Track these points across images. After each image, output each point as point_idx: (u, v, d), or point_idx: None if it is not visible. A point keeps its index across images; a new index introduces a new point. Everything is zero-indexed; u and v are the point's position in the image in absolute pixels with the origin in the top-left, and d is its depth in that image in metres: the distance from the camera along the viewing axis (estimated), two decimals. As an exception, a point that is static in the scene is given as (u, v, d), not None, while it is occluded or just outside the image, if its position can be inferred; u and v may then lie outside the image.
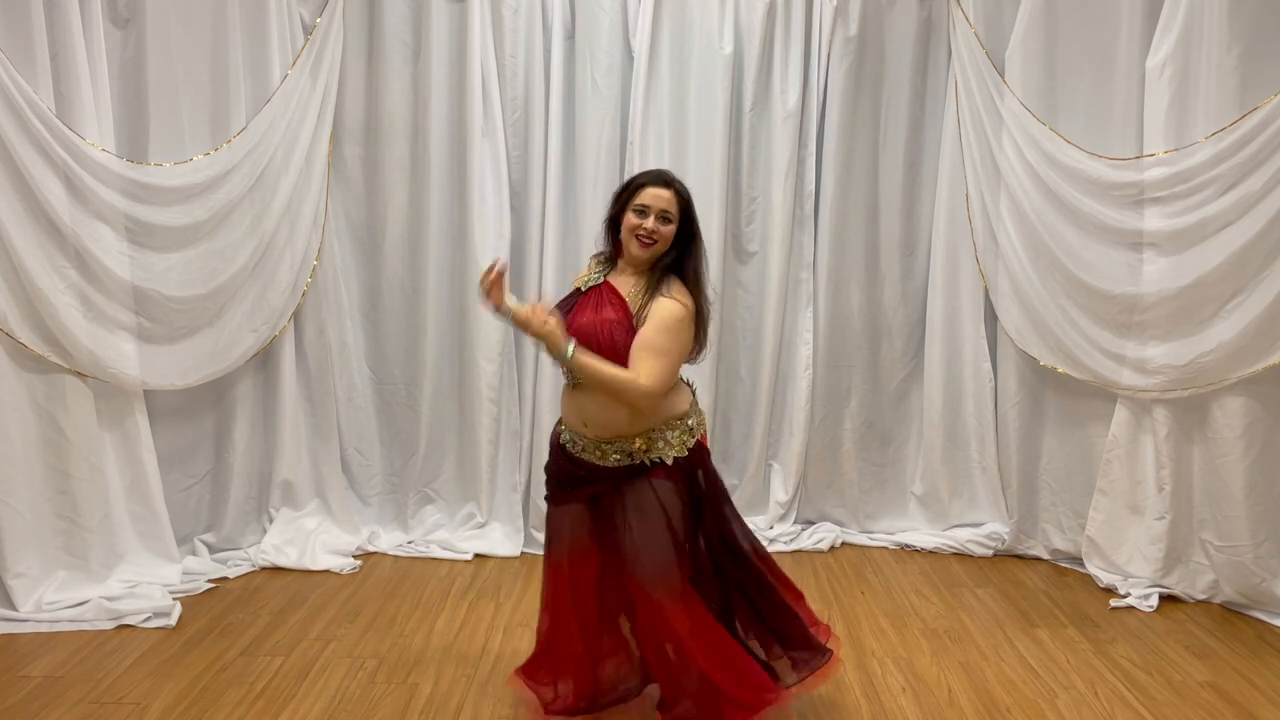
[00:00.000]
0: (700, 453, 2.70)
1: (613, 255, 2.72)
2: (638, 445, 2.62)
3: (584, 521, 2.76)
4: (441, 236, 4.39)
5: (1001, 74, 4.19)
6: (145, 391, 3.92)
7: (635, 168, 4.30)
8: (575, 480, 2.73)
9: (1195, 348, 3.72)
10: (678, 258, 2.64)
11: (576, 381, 2.62)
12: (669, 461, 2.63)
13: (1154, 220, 3.82)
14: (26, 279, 3.56)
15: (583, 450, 2.69)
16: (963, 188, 4.36)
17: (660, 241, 2.60)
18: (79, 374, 3.71)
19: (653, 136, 4.35)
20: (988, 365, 4.41)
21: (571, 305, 2.67)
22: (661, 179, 2.64)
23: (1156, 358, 3.84)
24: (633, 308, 2.58)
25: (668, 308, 2.54)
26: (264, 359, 4.28)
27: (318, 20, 4.18)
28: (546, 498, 2.85)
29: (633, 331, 2.54)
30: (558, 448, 2.79)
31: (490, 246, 4.33)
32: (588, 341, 2.53)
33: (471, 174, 4.30)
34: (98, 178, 3.66)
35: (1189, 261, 3.72)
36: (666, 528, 2.61)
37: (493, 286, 2.56)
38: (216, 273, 4.00)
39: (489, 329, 4.35)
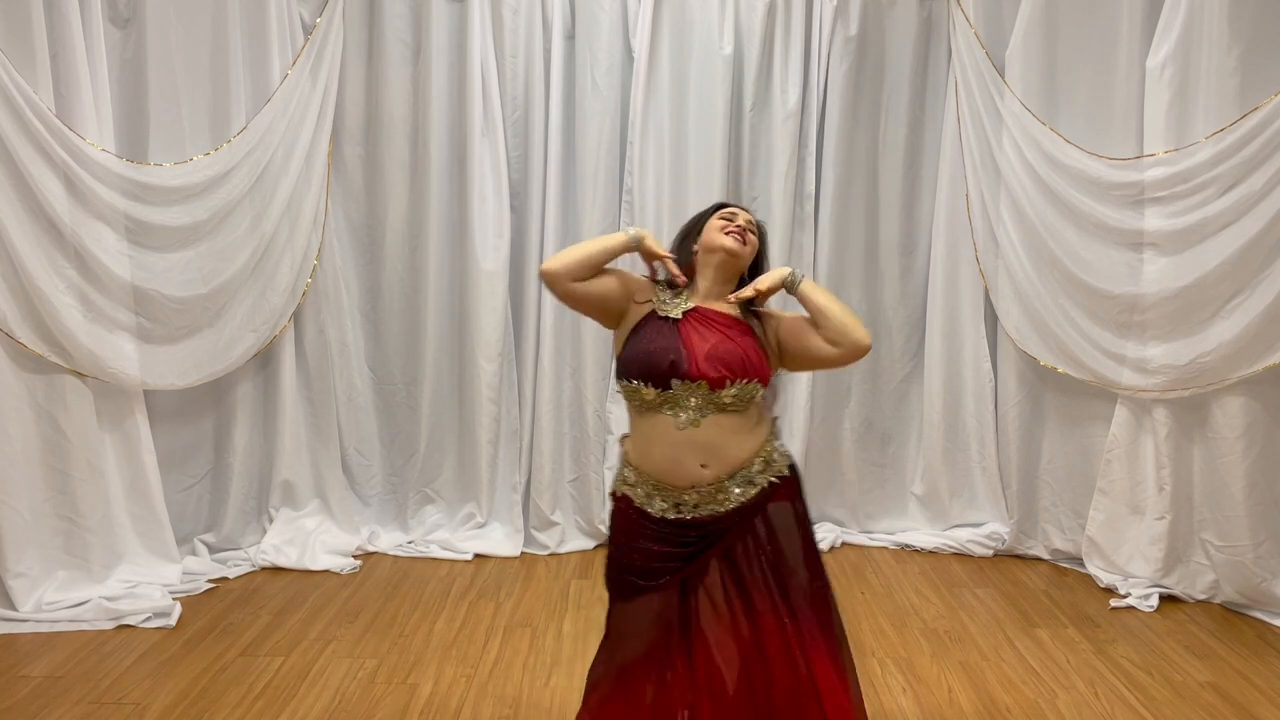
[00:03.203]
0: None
1: (673, 282, 2.42)
2: (757, 467, 2.31)
3: (678, 608, 2.31)
4: (441, 236, 4.39)
5: (1001, 74, 4.18)
6: (145, 392, 3.92)
7: (635, 168, 4.31)
8: (685, 548, 2.30)
9: (1195, 348, 3.72)
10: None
11: (697, 421, 2.27)
12: (787, 471, 2.36)
13: (1154, 220, 3.82)
14: (26, 279, 3.56)
15: (697, 506, 2.28)
16: (963, 188, 4.36)
17: (749, 248, 2.37)
18: (79, 374, 3.71)
19: (653, 136, 4.35)
20: (988, 365, 4.41)
21: (663, 331, 2.32)
22: (740, 205, 2.47)
23: (1157, 358, 3.84)
24: (750, 324, 2.36)
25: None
26: (264, 359, 4.27)
27: (318, 20, 4.18)
28: (619, 590, 2.37)
29: (761, 350, 2.33)
30: (640, 526, 2.32)
31: (490, 246, 4.33)
32: (729, 363, 2.26)
33: (471, 174, 4.30)
34: (98, 178, 3.66)
35: (1189, 261, 3.72)
36: (814, 553, 2.36)
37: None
38: (216, 273, 4.00)
39: (489, 329, 4.35)
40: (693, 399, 2.26)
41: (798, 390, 4.53)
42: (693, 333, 2.30)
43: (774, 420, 2.44)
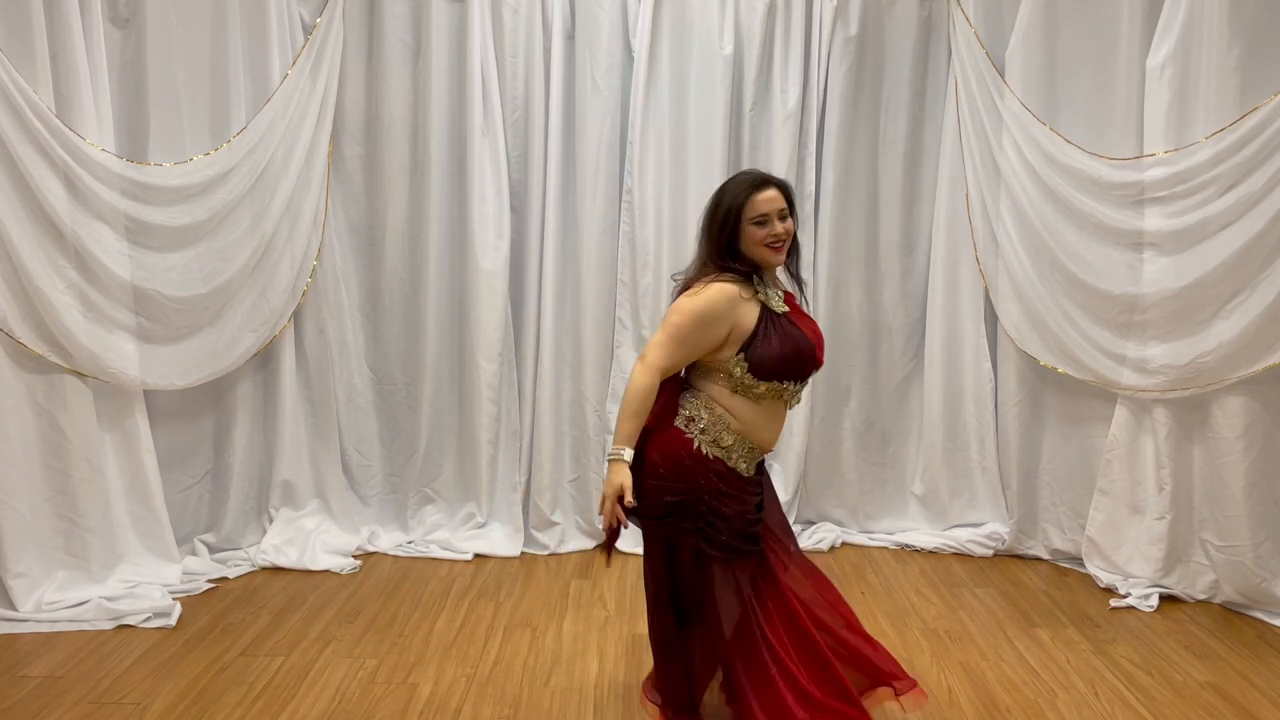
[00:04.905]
0: None
1: (749, 271, 2.53)
2: None
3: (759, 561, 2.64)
4: (441, 236, 4.39)
5: (1001, 74, 4.18)
6: (145, 391, 3.92)
7: (635, 167, 4.31)
8: (759, 510, 2.64)
9: (1195, 348, 3.72)
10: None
11: (799, 399, 2.65)
12: None
13: (1154, 220, 3.82)
14: (26, 279, 3.56)
15: (760, 465, 2.66)
16: (963, 187, 4.36)
17: (789, 236, 2.54)
18: (79, 374, 3.71)
19: (653, 136, 4.35)
20: (988, 365, 4.41)
21: (789, 328, 2.53)
22: (763, 181, 2.50)
23: (1157, 357, 3.84)
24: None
25: None
26: (264, 359, 4.27)
27: (318, 20, 4.18)
28: (724, 551, 2.51)
29: None
30: (735, 485, 2.54)
31: (490, 246, 4.33)
32: (823, 346, 2.64)
33: (471, 174, 4.30)
34: (98, 178, 3.66)
35: (1189, 261, 3.72)
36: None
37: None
38: (216, 273, 4.00)
39: (489, 329, 4.35)
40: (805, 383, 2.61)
41: (798, 390, 4.53)
42: (801, 323, 2.57)
43: None
